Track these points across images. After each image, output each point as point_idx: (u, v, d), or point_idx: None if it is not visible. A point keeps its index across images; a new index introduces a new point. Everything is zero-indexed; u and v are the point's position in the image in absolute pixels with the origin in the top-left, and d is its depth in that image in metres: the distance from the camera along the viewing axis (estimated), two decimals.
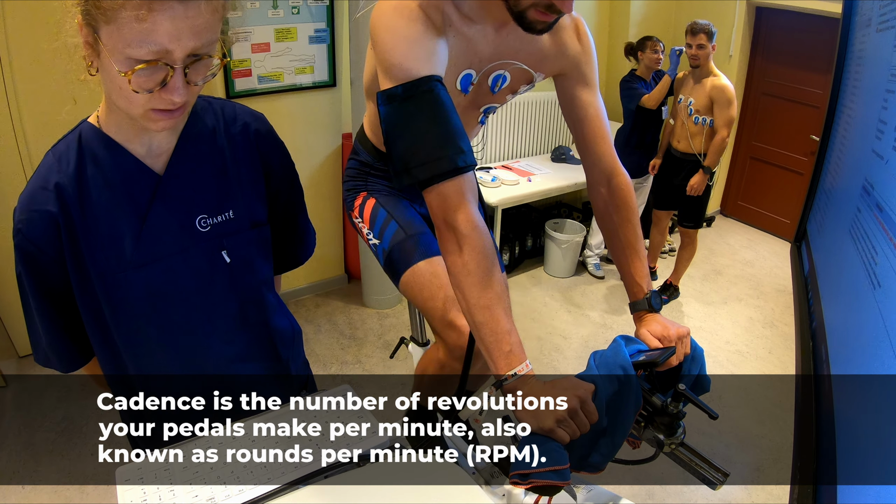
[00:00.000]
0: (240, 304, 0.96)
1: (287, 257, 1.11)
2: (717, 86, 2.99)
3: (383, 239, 1.24)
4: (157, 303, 0.88)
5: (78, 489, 2.07)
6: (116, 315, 0.88)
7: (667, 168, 3.36)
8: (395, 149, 0.88)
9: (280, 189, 1.00)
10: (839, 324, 1.04)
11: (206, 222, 0.89)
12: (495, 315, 0.85)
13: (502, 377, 0.86)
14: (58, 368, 0.96)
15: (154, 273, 0.86)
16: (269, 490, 0.80)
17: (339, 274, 3.51)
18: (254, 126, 0.94)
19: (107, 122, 0.82)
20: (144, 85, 0.71)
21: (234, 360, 0.98)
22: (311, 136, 3.05)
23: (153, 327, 0.90)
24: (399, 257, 1.21)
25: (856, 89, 1.37)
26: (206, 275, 0.90)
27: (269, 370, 1.04)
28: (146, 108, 0.73)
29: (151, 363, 0.93)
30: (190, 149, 0.87)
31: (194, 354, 0.94)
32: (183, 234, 0.87)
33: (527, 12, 0.88)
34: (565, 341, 3.13)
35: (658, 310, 1.06)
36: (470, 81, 1.05)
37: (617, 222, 1.09)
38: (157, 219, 0.85)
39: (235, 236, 0.92)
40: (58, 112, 0.88)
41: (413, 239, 1.21)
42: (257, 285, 0.97)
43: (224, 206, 0.90)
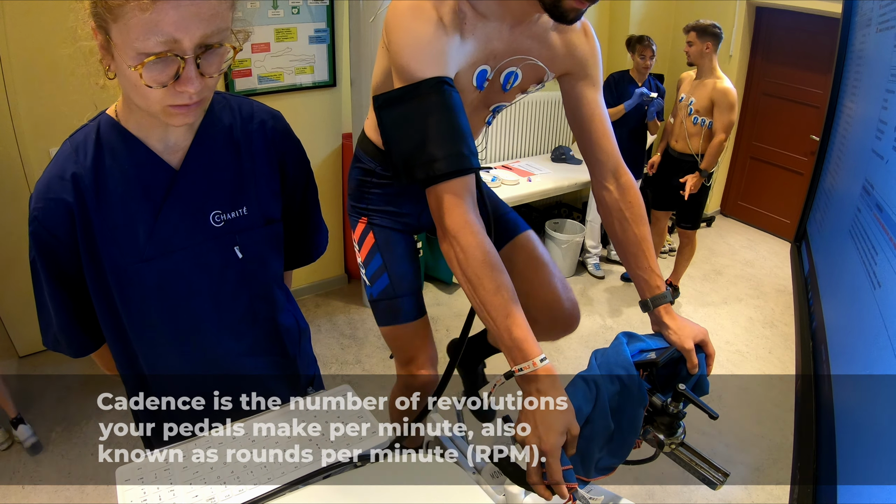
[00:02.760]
0: (250, 299, 0.96)
1: (299, 254, 1.12)
2: (719, 88, 2.95)
3: (374, 286, 1.34)
4: (168, 295, 0.89)
5: (78, 489, 2.07)
6: (128, 307, 0.88)
7: (665, 168, 3.34)
8: (394, 150, 0.88)
9: (295, 186, 1.01)
10: (839, 324, 1.04)
11: (220, 218, 0.89)
12: (491, 313, 0.86)
13: (510, 371, 0.87)
14: (67, 353, 0.96)
15: (166, 266, 0.87)
16: (269, 490, 0.80)
17: (339, 274, 3.51)
18: (270, 124, 0.94)
19: (125, 116, 0.83)
20: (157, 79, 0.70)
21: (243, 356, 0.99)
22: (311, 136, 3.05)
23: (164, 320, 0.90)
24: (385, 311, 1.34)
25: (856, 89, 1.37)
26: (217, 270, 0.91)
27: (277, 367, 1.05)
28: (163, 105, 0.73)
29: (162, 357, 0.94)
30: (206, 145, 0.87)
31: (204, 349, 0.95)
32: (196, 229, 0.88)
33: (562, 2, 0.88)
34: (565, 341, 3.13)
35: (672, 302, 1.07)
36: (485, 77, 1.06)
37: (629, 219, 1.10)
38: (172, 213, 0.85)
39: (248, 233, 0.92)
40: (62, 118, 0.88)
41: (401, 301, 1.32)
42: (268, 281, 0.98)
43: (238, 202, 0.91)
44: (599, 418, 0.90)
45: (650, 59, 3.34)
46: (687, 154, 3.18)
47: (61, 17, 0.76)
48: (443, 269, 3.55)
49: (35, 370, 2.65)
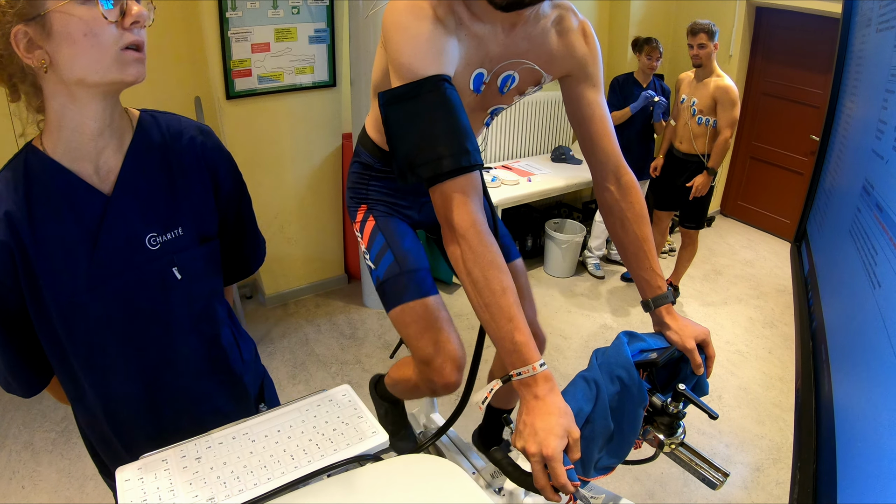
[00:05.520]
0: (193, 319, 0.96)
1: (237, 268, 1.11)
2: (721, 86, 2.97)
3: (378, 267, 1.23)
4: (112, 322, 0.88)
5: (78, 489, 2.07)
6: (72, 337, 0.87)
7: (669, 169, 3.35)
8: (398, 148, 0.88)
9: (230, 200, 1.00)
10: (839, 324, 1.04)
11: (156, 240, 0.89)
12: (494, 316, 0.85)
13: (508, 375, 0.87)
14: (18, 394, 0.95)
15: (107, 294, 0.86)
16: (269, 490, 0.80)
17: (339, 274, 3.51)
18: (200, 139, 0.93)
19: (52, 146, 0.81)
20: (111, 13, 0.72)
21: (190, 376, 0.99)
22: (311, 136, 3.05)
23: (109, 347, 0.90)
24: (391, 291, 1.20)
25: (856, 89, 1.37)
26: (158, 292, 0.90)
27: (224, 385, 1.05)
28: (116, 50, 0.74)
29: (110, 384, 0.93)
30: (137, 166, 0.86)
31: (151, 373, 0.95)
32: (134, 254, 0.87)
33: None
34: (565, 341, 3.13)
35: (674, 302, 1.08)
36: (482, 81, 1.06)
37: (631, 219, 1.10)
38: (108, 240, 0.84)
39: (185, 252, 0.92)
40: None
41: (407, 276, 1.19)
42: (209, 300, 0.98)
43: (173, 222, 0.90)
44: (600, 418, 0.90)
45: (657, 60, 3.34)
46: (692, 155, 3.19)
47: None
48: (443, 269, 3.55)
49: None
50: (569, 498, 0.80)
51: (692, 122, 3.13)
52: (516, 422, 0.85)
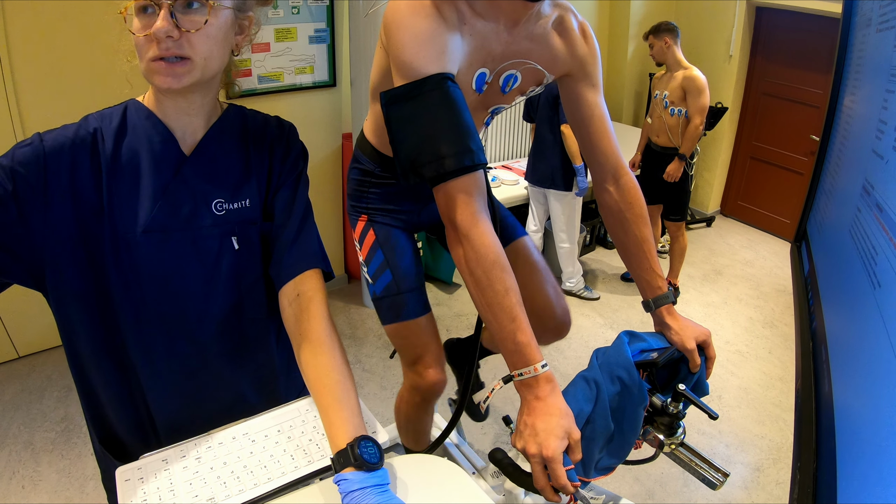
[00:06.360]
0: (240, 295, 0.96)
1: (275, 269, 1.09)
2: (688, 76, 3.11)
3: (377, 283, 1.33)
4: (160, 274, 0.88)
5: (78, 489, 2.07)
6: (122, 277, 0.86)
7: (648, 163, 3.45)
8: (400, 148, 0.87)
9: (297, 198, 1.00)
10: (839, 324, 1.04)
11: (222, 206, 0.91)
12: (497, 316, 0.85)
13: (509, 375, 0.86)
14: None
15: (163, 243, 0.87)
16: (269, 490, 0.80)
17: (339, 274, 3.51)
18: (288, 131, 0.98)
19: (150, 103, 0.88)
20: (142, 31, 0.76)
21: (224, 354, 0.98)
22: (311, 136, 3.05)
23: (153, 300, 0.89)
24: (387, 307, 1.33)
25: (856, 89, 1.37)
26: (212, 257, 0.91)
27: (256, 375, 1.03)
28: (147, 60, 0.78)
29: (150, 339, 0.91)
30: (218, 139, 0.91)
31: (188, 338, 0.94)
32: (197, 213, 0.89)
33: None
34: (565, 341, 3.13)
35: (675, 302, 1.08)
36: (484, 80, 1.06)
37: (630, 219, 1.10)
38: (176, 193, 0.87)
39: (248, 226, 0.93)
40: (65, 119, 0.89)
41: (403, 297, 1.31)
42: (258, 280, 0.98)
43: (242, 194, 0.93)
44: (600, 418, 0.89)
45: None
46: (670, 147, 3.30)
47: (62, 16, 0.78)
48: (443, 269, 3.55)
49: (35, 370, 2.65)
50: (569, 498, 0.79)
51: (665, 114, 3.25)
52: (517, 422, 0.85)
